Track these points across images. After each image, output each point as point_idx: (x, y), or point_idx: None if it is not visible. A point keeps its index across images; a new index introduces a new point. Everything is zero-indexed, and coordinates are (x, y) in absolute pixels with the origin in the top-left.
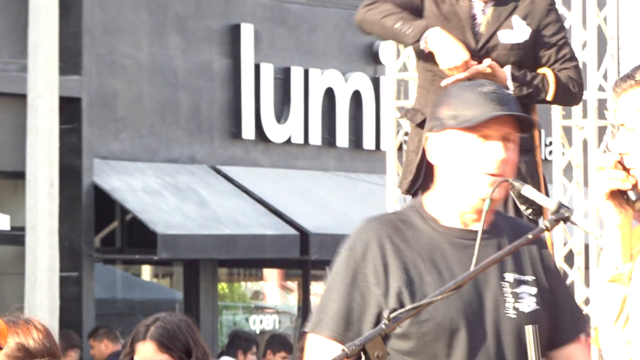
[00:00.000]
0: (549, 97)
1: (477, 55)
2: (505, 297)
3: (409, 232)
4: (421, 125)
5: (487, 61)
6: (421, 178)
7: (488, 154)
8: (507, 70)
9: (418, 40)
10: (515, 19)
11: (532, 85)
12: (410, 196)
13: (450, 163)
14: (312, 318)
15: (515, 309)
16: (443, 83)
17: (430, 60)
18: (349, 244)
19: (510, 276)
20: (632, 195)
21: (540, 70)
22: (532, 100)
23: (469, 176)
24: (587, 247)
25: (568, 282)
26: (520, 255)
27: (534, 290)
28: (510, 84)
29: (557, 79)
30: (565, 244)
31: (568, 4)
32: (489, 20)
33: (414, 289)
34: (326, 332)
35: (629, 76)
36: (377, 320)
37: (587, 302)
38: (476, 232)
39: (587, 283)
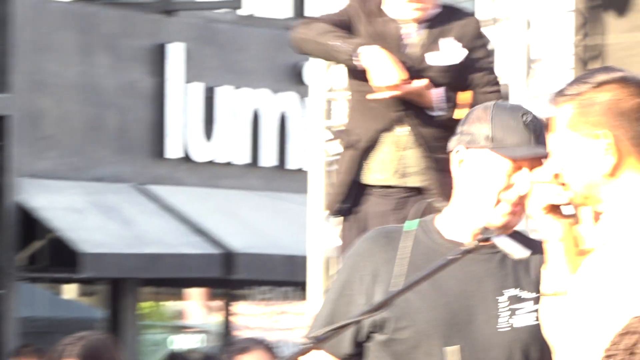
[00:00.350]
0: None
1: (410, 76)
2: (500, 312)
3: (407, 242)
4: (350, 146)
5: (423, 81)
6: (347, 199)
7: (515, 185)
8: (438, 91)
9: (352, 58)
10: (448, 41)
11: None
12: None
13: (474, 182)
14: (311, 323)
15: (509, 324)
16: (370, 97)
17: (363, 79)
18: (349, 253)
19: (510, 292)
20: (567, 211)
21: (466, 94)
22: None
23: (488, 199)
24: None
25: None
26: (524, 272)
27: (534, 307)
28: (440, 105)
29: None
30: None
31: (496, 24)
32: (422, 42)
33: (400, 299)
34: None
35: (561, 92)
36: (358, 330)
37: None
38: (479, 248)
39: None
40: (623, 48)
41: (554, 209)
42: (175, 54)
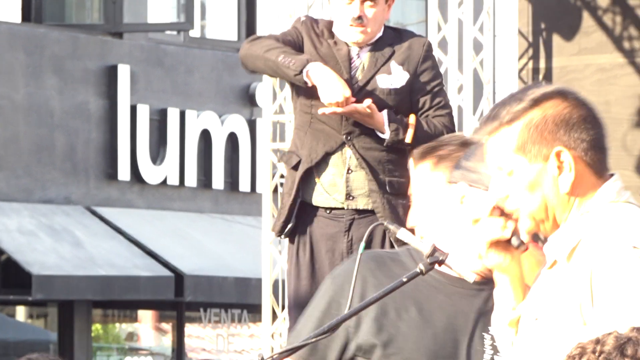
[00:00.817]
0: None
1: (355, 98)
2: (485, 348)
3: (396, 269)
4: (295, 167)
5: (367, 101)
6: (293, 220)
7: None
8: (385, 114)
9: (300, 73)
10: (393, 64)
11: (407, 131)
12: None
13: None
14: (287, 339)
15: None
16: (320, 111)
17: (309, 97)
18: (334, 272)
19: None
20: (514, 241)
21: (410, 117)
22: (407, 146)
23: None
24: None
25: None
26: None
27: None
28: (387, 127)
29: (428, 125)
30: None
31: (445, 47)
32: (366, 65)
33: (386, 323)
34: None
35: (494, 117)
36: (343, 351)
37: None
38: (467, 282)
39: None
40: (570, 71)
41: (500, 243)
42: (125, 76)
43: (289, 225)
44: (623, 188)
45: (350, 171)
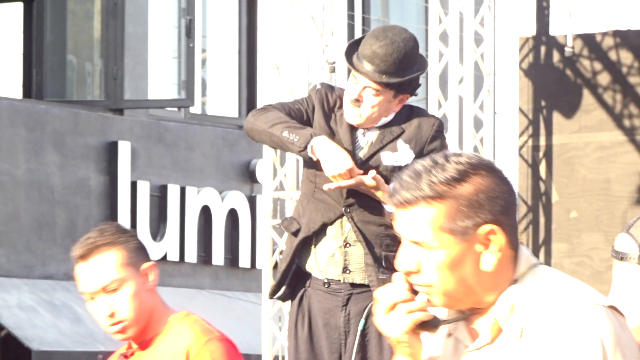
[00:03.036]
0: None
1: (362, 171)
2: None
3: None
4: (295, 234)
5: (372, 172)
6: (285, 285)
7: None
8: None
9: (305, 149)
10: (400, 142)
11: None
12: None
13: None
14: None
15: None
16: (325, 187)
17: (314, 168)
18: None
19: None
20: (435, 323)
21: None
22: None
23: None
24: None
25: None
26: None
27: None
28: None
29: None
30: None
31: (445, 40)
32: (372, 142)
33: None
34: None
35: (411, 187)
36: None
37: None
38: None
39: None
40: (570, 149)
41: (419, 325)
42: (125, 152)
43: (282, 289)
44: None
45: (347, 245)
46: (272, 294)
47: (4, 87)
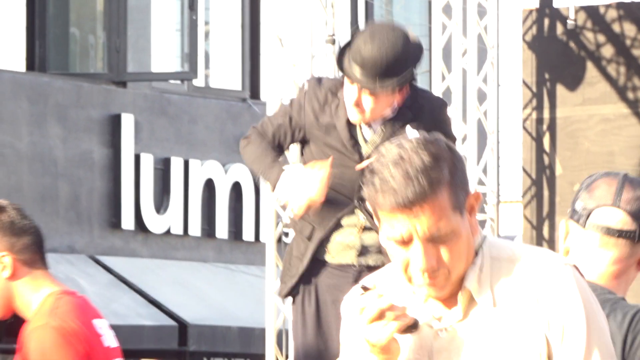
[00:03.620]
0: None
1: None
2: None
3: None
4: (309, 237)
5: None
6: (301, 285)
7: None
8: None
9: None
10: (408, 127)
11: None
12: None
13: None
14: None
15: None
16: (357, 168)
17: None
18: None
19: None
20: (417, 324)
21: None
22: None
23: None
24: None
25: None
26: None
27: None
28: None
29: None
30: None
31: (449, 12)
32: (381, 134)
33: None
34: None
35: (414, 187)
36: None
37: None
38: None
39: None
40: (574, 122)
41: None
42: (129, 125)
43: (296, 290)
44: None
45: (363, 230)
46: (287, 294)
47: (7, 60)
